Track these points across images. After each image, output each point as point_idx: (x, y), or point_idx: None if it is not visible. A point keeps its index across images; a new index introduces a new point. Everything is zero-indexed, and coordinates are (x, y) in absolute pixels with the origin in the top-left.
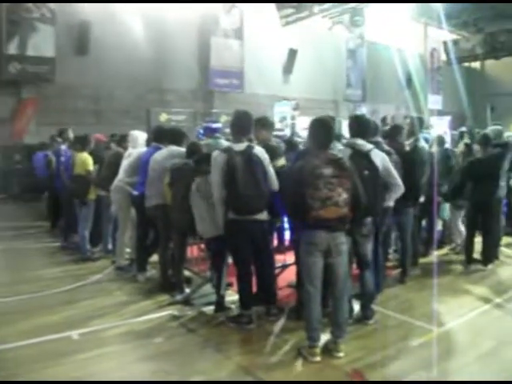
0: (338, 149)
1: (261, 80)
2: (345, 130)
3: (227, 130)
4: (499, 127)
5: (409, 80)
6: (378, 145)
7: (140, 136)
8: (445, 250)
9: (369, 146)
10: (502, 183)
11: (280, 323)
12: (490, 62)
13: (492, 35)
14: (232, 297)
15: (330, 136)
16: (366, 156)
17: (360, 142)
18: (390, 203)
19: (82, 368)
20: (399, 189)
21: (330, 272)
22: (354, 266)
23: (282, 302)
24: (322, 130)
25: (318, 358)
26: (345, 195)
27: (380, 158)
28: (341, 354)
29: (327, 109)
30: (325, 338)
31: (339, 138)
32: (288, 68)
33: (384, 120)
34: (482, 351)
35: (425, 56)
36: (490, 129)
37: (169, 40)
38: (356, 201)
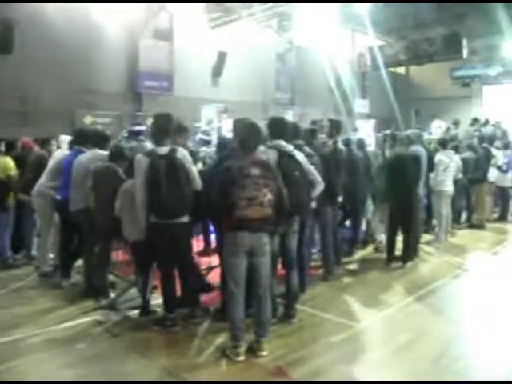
0: (262, 150)
1: (190, 82)
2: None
3: None
4: (419, 130)
5: (337, 84)
6: (298, 147)
7: (66, 141)
8: (368, 249)
9: (290, 147)
10: (421, 183)
11: (205, 325)
12: (414, 68)
13: (414, 42)
14: (157, 300)
15: (258, 138)
16: (292, 157)
17: (283, 143)
18: (313, 204)
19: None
20: (320, 185)
21: (253, 272)
22: (280, 266)
23: (206, 303)
24: (251, 132)
25: (242, 358)
26: (270, 196)
27: (302, 158)
28: (264, 353)
29: (256, 112)
30: (249, 338)
31: (266, 140)
32: (217, 71)
33: (314, 123)
34: (399, 344)
35: (352, 61)
36: (411, 131)
37: (97, 41)
38: (280, 202)
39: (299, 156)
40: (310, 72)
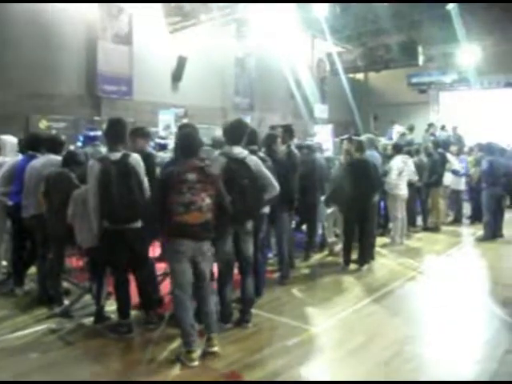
0: (214, 157)
1: (150, 87)
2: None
3: None
4: (372, 135)
5: (296, 89)
6: (254, 153)
7: (9, 142)
8: (325, 253)
9: (244, 153)
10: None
11: (160, 330)
12: (372, 74)
13: (372, 49)
14: (112, 306)
15: (194, 145)
16: (243, 163)
17: (236, 149)
18: (266, 209)
19: None
20: (273, 188)
21: (196, 274)
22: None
23: (162, 309)
24: (188, 139)
25: (196, 363)
26: (208, 200)
27: (254, 163)
28: (215, 349)
29: (216, 116)
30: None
31: (222, 145)
32: (177, 75)
33: (274, 128)
34: (353, 346)
35: (312, 66)
36: (365, 137)
37: (54, 43)
38: (220, 207)
39: (251, 162)
40: (270, 77)
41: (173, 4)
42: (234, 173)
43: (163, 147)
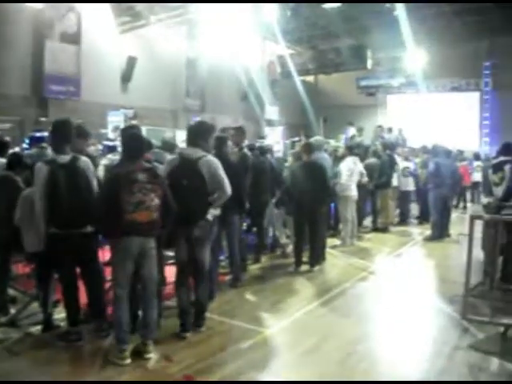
0: (168, 158)
1: (99, 87)
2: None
3: None
4: (321, 138)
5: (247, 91)
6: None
7: None
8: (277, 254)
9: (198, 154)
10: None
11: (111, 338)
12: (322, 77)
13: (322, 52)
14: (61, 314)
15: (141, 147)
16: (193, 164)
17: (189, 150)
18: (217, 211)
19: None
20: (223, 193)
21: (140, 275)
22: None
23: (112, 315)
24: (134, 141)
25: (128, 361)
26: (157, 201)
27: (208, 165)
28: (151, 355)
29: (166, 118)
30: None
31: (173, 147)
32: (127, 76)
33: (224, 130)
34: (307, 347)
35: (263, 69)
36: (314, 139)
37: None
38: (166, 207)
39: (205, 163)
40: (221, 79)
41: (123, 4)
42: (181, 172)
43: (112, 149)
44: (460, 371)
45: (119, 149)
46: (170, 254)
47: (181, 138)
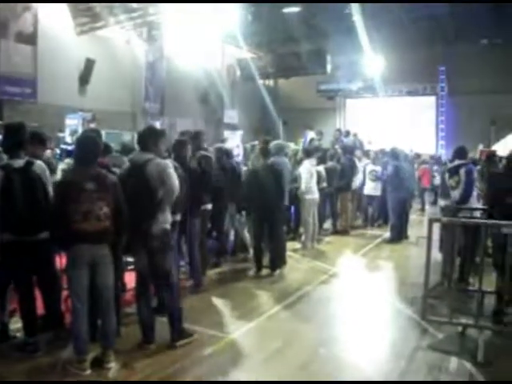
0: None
1: (56, 89)
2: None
3: None
4: (280, 141)
5: (207, 95)
6: None
7: None
8: (238, 259)
9: (146, 158)
10: (285, 192)
11: (70, 347)
12: (282, 80)
13: (282, 56)
14: (17, 324)
15: (92, 153)
16: (140, 168)
17: (139, 154)
18: (177, 217)
19: None
20: (169, 189)
21: (95, 284)
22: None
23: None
24: (85, 147)
25: (88, 371)
26: (106, 209)
27: (156, 168)
28: (111, 365)
29: (125, 121)
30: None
31: (132, 151)
32: (85, 78)
33: (184, 134)
34: (269, 352)
35: (222, 72)
36: (273, 143)
37: None
38: (117, 214)
39: (153, 166)
40: (181, 82)
41: (81, 4)
42: (131, 177)
43: (70, 153)
44: (420, 371)
45: None
46: (130, 259)
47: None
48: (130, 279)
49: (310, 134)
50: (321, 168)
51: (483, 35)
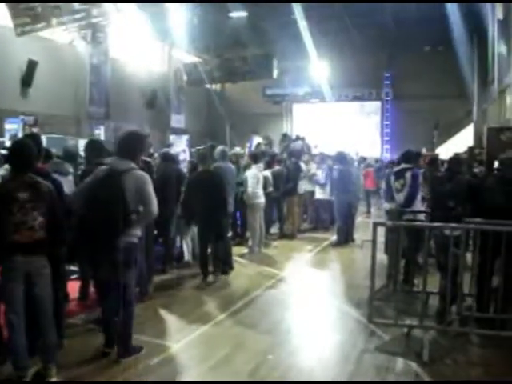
0: (100, 168)
1: None
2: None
3: None
4: (222, 147)
5: (152, 99)
6: (101, 165)
7: None
8: (184, 265)
9: (125, 166)
10: (229, 199)
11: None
12: (229, 85)
13: (228, 60)
14: None
15: (27, 159)
16: (117, 177)
17: (118, 161)
18: (139, 232)
19: None
20: (148, 212)
21: (32, 296)
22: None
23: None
24: (19, 154)
25: None
26: (40, 219)
27: (134, 180)
28: (53, 379)
29: (69, 126)
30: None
31: (75, 157)
32: (27, 80)
33: None
34: (217, 360)
35: (169, 76)
36: (218, 148)
37: None
38: (54, 224)
39: (131, 177)
40: (126, 86)
41: (22, 5)
42: (100, 186)
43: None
44: (368, 373)
45: None
46: (73, 268)
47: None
48: (73, 289)
49: (256, 139)
50: (268, 173)
51: (426, 42)
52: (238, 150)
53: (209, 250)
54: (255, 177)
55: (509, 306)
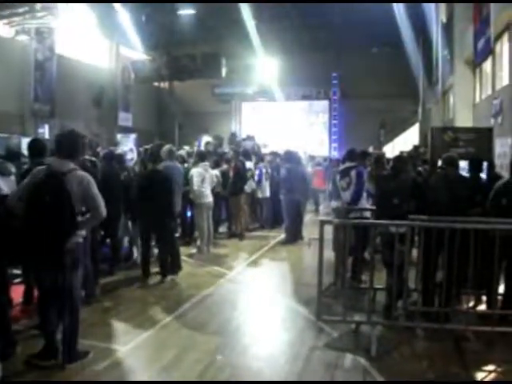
0: (37, 168)
1: None
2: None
3: None
4: (169, 145)
5: (100, 97)
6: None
7: None
8: (131, 266)
9: (68, 167)
10: (177, 199)
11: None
12: (178, 83)
13: (176, 58)
14: None
15: None
16: (60, 178)
17: (58, 161)
18: (83, 232)
19: None
20: (97, 213)
21: None
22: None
23: None
24: None
25: None
26: None
27: (78, 181)
28: None
29: (12, 124)
30: None
31: (18, 156)
32: None
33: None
34: (166, 362)
35: (116, 74)
36: (165, 148)
37: None
38: None
39: (74, 178)
40: (73, 83)
41: None
42: (42, 189)
43: None
44: (318, 370)
45: None
46: (16, 271)
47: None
48: (17, 294)
49: (205, 138)
50: (216, 172)
51: (374, 43)
52: (186, 148)
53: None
54: (200, 175)
55: (452, 300)
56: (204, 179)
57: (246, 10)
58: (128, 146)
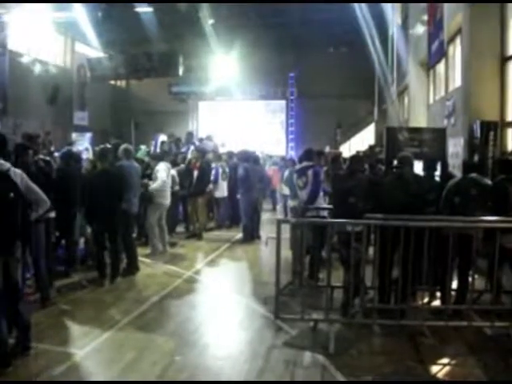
0: None
1: None
2: None
3: None
4: (126, 145)
5: (55, 94)
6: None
7: None
8: (89, 268)
9: (7, 166)
10: (133, 199)
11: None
12: (134, 82)
13: (133, 57)
14: None
15: None
16: (5, 176)
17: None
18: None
19: None
20: (45, 203)
21: None
22: None
23: None
24: None
25: None
26: None
27: (20, 178)
28: None
29: None
30: None
31: None
32: None
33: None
34: (125, 364)
35: (72, 71)
36: (122, 146)
37: None
38: None
39: (16, 175)
40: (26, 80)
41: None
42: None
43: None
44: (277, 368)
45: None
46: None
47: None
48: None
49: (162, 137)
50: (173, 171)
51: (331, 43)
52: (143, 147)
53: None
54: (165, 171)
55: (408, 297)
56: (168, 176)
57: (203, 7)
58: (83, 146)
